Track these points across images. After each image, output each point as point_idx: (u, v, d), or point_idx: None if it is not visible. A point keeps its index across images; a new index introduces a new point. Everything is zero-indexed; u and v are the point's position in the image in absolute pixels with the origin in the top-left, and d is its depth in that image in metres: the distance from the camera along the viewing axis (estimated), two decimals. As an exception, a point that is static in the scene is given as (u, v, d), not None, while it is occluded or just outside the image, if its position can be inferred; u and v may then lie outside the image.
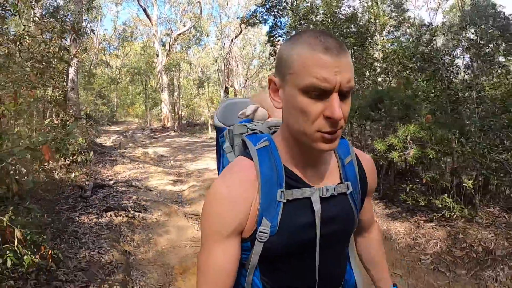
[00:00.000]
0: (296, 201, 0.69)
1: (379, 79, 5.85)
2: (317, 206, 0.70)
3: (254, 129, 0.84)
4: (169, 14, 28.72)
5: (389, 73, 5.38)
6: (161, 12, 19.76)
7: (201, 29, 21.49)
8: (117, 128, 15.72)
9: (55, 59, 3.79)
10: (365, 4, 7.26)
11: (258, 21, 11.76)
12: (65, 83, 5.92)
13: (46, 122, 3.74)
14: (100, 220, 3.29)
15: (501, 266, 2.53)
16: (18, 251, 1.64)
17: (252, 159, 0.71)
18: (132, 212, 3.58)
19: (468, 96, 3.90)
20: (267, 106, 0.99)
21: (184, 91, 20.33)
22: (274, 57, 8.89)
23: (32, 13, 4.74)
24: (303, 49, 0.61)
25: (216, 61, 19.36)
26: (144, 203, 3.96)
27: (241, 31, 19.47)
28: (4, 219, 1.61)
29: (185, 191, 4.98)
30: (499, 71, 4.24)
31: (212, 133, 15.06)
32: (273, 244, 0.68)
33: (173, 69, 18.39)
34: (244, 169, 0.70)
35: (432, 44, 4.45)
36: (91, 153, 4.69)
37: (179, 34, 19.53)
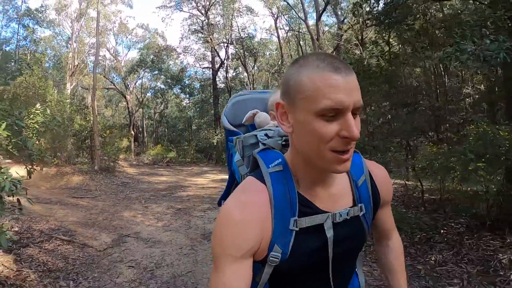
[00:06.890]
0: (309, 228, 0.69)
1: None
2: (330, 233, 0.70)
3: (265, 144, 0.82)
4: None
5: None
6: None
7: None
8: None
9: None
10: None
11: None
12: None
13: None
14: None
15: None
16: None
17: (264, 182, 0.70)
18: None
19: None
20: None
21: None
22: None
23: None
24: (312, 72, 0.61)
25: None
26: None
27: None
28: None
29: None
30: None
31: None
32: (284, 267, 0.70)
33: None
34: (258, 193, 0.69)
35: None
36: None
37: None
